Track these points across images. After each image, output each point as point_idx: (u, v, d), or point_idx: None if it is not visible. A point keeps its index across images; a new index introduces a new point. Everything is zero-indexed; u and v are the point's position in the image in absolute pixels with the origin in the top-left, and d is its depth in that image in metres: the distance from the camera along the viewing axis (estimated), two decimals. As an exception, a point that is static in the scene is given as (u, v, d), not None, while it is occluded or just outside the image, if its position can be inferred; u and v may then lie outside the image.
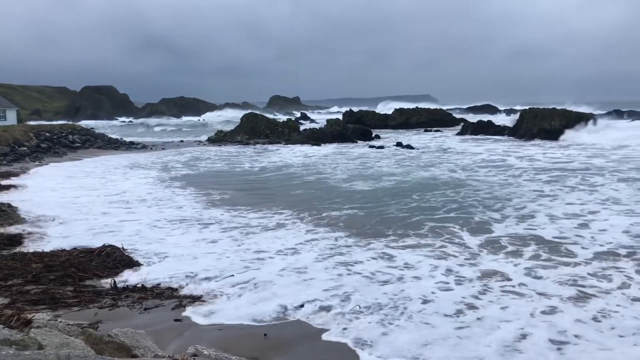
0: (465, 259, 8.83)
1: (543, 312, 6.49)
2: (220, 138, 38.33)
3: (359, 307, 6.77)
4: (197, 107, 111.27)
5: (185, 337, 6.01)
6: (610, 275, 7.83)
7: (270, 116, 51.71)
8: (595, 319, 6.27)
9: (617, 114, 61.47)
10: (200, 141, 38.76)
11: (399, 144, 32.61)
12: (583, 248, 9.32)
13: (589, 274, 7.91)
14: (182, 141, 39.61)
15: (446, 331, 6.03)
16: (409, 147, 31.25)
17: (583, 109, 45.96)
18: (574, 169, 19.74)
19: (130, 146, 33.66)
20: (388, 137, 39.69)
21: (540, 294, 7.14)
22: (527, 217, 11.72)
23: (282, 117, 62.64)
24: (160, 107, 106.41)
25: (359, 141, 35.67)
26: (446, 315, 6.48)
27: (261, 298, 7.19)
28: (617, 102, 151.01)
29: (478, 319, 6.37)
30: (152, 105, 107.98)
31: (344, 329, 6.18)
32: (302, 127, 43.04)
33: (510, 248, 9.44)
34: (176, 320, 6.51)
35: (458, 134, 41.91)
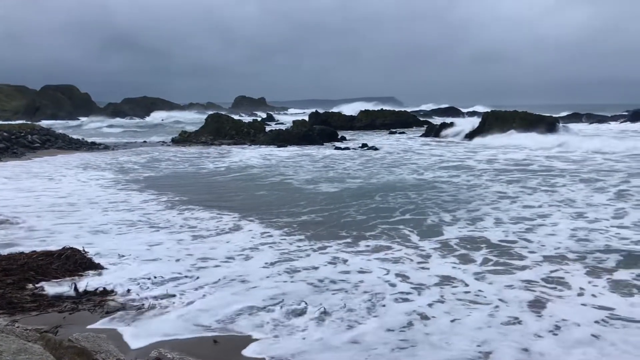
0: (418, 262, 8.81)
1: (503, 324, 6.31)
2: (184, 139, 37.83)
3: (293, 318, 6.52)
4: (161, 107, 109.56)
5: (148, 341, 5.90)
6: (562, 279, 7.91)
7: (236, 117, 51.32)
8: (556, 328, 6.17)
9: (576, 116, 63.44)
10: (164, 142, 38.19)
11: (364, 145, 32.80)
12: (531, 252, 9.36)
13: (542, 279, 7.90)
14: (145, 142, 38.94)
15: (383, 352, 5.69)
16: (374, 148, 31.46)
17: (545, 112, 47.05)
18: (534, 170, 20.17)
19: (92, 147, 32.90)
20: (354, 138, 39.88)
21: (495, 301, 7.07)
22: (480, 220, 11.83)
23: (247, 118, 62.30)
24: (123, 107, 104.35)
25: (324, 142, 35.71)
26: (389, 330, 6.13)
27: (194, 309, 6.92)
28: (579, 105, 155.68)
29: (427, 334, 6.06)
30: (114, 105, 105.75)
31: (270, 344, 5.86)
32: (268, 128, 42.86)
33: (462, 251, 9.44)
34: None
35: (422, 135, 42.39)
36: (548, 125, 36.15)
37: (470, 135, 38.36)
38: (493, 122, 37.51)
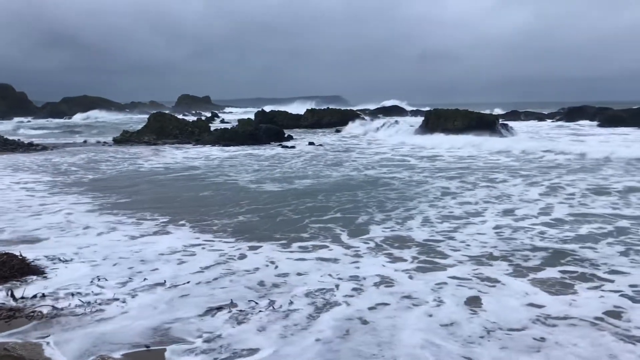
0: (351, 262, 8.83)
1: (443, 325, 6.33)
2: (126, 138, 36.83)
3: (235, 323, 6.41)
4: (101, 106, 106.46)
5: (87, 348, 5.72)
6: (492, 278, 8.08)
7: (180, 116, 50.40)
8: (494, 329, 6.21)
9: (515, 114, 65.73)
10: (105, 142, 37.09)
11: (311, 144, 32.92)
12: (463, 250, 9.54)
13: (471, 278, 8.00)
14: (85, 141, 37.71)
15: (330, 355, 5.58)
16: (320, 146, 31.66)
17: (486, 110, 48.65)
18: (476, 168, 20.74)
19: (29, 147, 31.58)
20: (300, 137, 39.93)
21: (430, 301, 7.13)
22: (411, 218, 11.96)
23: (192, 117, 61.33)
24: (62, 106, 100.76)
25: (271, 141, 35.57)
26: (317, 341, 5.91)
27: (133, 315, 6.73)
28: (520, 102, 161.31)
29: (371, 337, 6.04)
30: (52, 105, 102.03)
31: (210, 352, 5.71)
32: (212, 127, 42.33)
33: (391, 250, 9.53)
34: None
35: (368, 132, 42.93)
36: (488, 123, 37.29)
37: (414, 133, 39.09)
38: (436, 121, 38.39)
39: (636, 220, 11.36)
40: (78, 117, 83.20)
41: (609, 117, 48.59)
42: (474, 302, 7.00)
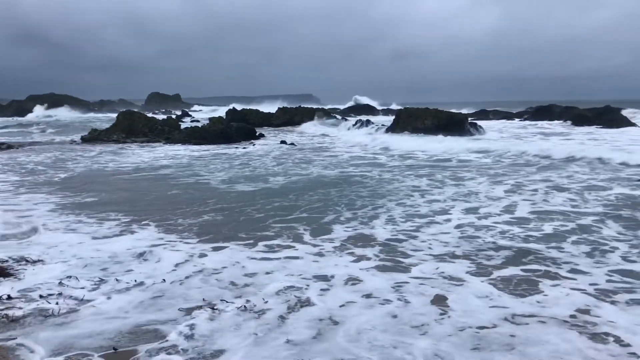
0: (315, 261, 8.87)
1: (413, 326, 6.33)
2: (94, 137, 36.23)
3: (206, 323, 6.39)
4: (69, 104, 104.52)
5: (57, 349, 5.66)
6: (457, 277, 8.24)
7: (149, 114, 49.78)
8: (461, 329, 6.29)
9: (484, 113, 66.72)
10: (73, 140, 36.42)
11: (283, 142, 32.91)
12: (426, 250, 9.65)
13: (436, 277, 8.09)
14: (52, 140, 37.01)
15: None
16: (292, 145, 31.69)
17: (457, 109, 49.30)
18: (446, 166, 21.02)
19: (-8, 146, 30.86)
20: (272, 135, 39.86)
21: (397, 301, 7.22)
22: (376, 218, 12.03)
23: (162, 115, 60.64)
24: (28, 104, 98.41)
25: (242, 140, 35.43)
26: (289, 342, 5.89)
27: (105, 316, 6.69)
28: (490, 102, 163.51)
29: (343, 338, 6.18)
30: (18, 103, 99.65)
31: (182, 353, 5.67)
32: (183, 126, 41.94)
33: (358, 250, 9.55)
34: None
35: (340, 131, 43.10)
36: (458, 122, 37.77)
37: (385, 132, 39.38)
38: (406, 119, 38.71)
39: (597, 217, 11.66)
40: (41, 115, 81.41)
41: (575, 116, 49.69)
42: (440, 302, 7.07)
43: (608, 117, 46.62)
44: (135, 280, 7.88)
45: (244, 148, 30.33)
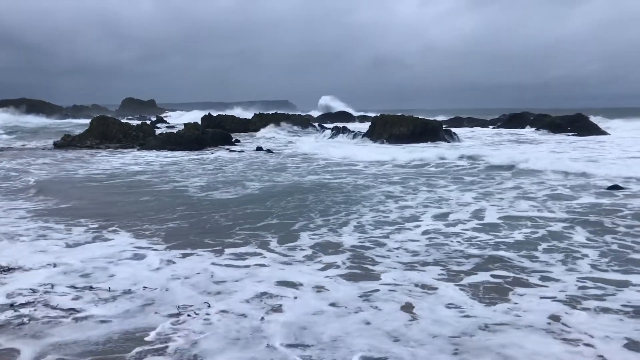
0: (281, 269, 8.83)
1: (385, 332, 6.43)
2: (67, 143, 35.67)
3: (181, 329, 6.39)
4: (42, 109, 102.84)
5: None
6: (428, 285, 8.31)
7: (124, 120, 49.22)
8: (436, 336, 6.46)
9: (458, 120, 67.49)
10: (45, 146, 35.81)
11: (259, 149, 32.82)
12: (394, 257, 9.71)
13: (406, 285, 8.11)
14: (24, 146, 36.32)
15: None
16: (269, 151, 31.61)
17: (432, 116, 49.81)
18: (420, 174, 21.16)
19: (-40, 152, 30.19)
20: (248, 141, 39.74)
21: (370, 309, 7.29)
22: (346, 224, 12.06)
23: (136, 121, 59.96)
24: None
25: (218, 146, 35.24)
26: (269, 347, 5.97)
27: (82, 324, 6.63)
28: (465, 109, 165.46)
29: (318, 346, 6.12)
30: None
31: None
32: (158, 131, 41.53)
33: (327, 258, 9.53)
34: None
35: (316, 137, 43.20)
36: (433, 129, 38.14)
37: (361, 139, 39.54)
38: (382, 126, 38.94)
39: (567, 223, 11.85)
40: (12, 120, 79.88)
41: (547, 123, 50.62)
42: (410, 309, 7.08)
43: (579, 124, 47.68)
44: (110, 288, 7.79)
45: (219, 154, 30.17)
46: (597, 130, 45.95)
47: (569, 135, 44.42)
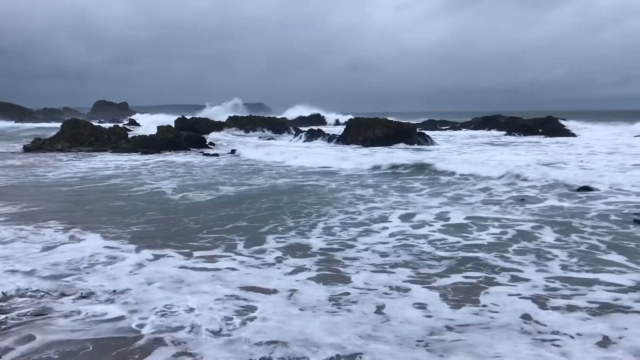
0: (248, 274, 8.81)
1: (363, 335, 6.48)
2: (38, 146, 35.04)
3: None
4: (11, 112, 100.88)
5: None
6: (399, 287, 8.37)
7: (95, 123, 48.55)
8: (407, 338, 6.54)
9: (431, 123, 68.25)
10: (14, 150, 35.11)
11: (233, 152, 32.68)
12: (370, 256, 9.84)
13: (379, 287, 8.19)
14: (-10, 149, 35.57)
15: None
16: (242, 154, 31.52)
17: (406, 119, 50.17)
18: (395, 175, 21.30)
19: None
20: (223, 144, 39.54)
21: (344, 311, 7.31)
22: (314, 227, 12.07)
23: (109, 124, 59.18)
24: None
25: (192, 149, 35.00)
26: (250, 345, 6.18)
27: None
28: (439, 112, 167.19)
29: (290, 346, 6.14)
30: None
31: None
32: (130, 134, 41.06)
33: (297, 261, 9.56)
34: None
35: (291, 141, 43.20)
36: (407, 132, 38.46)
37: (336, 141, 39.69)
38: (357, 129, 39.13)
39: (537, 224, 12.07)
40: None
41: (519, 126, 51.44)
42: (380, 310, 7.12)
43: (550, 127, 48.70)
44: (82, 293, 7.68)
45: (193, 157, 29.97)
46: (566, 133, 47.09)
47: (540, 137, 45.26)
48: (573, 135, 46.46)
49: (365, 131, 38.54)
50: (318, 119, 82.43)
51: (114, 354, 5.85)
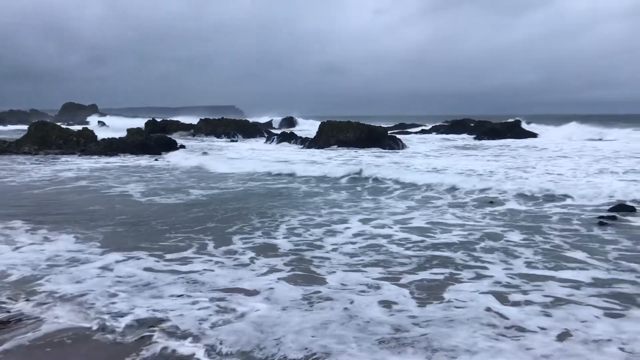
0: (227, 273, 8.86)
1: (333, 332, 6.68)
2: (3, 149, 34.28)
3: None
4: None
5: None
6: (371, 284, 8.55)
7: (64, 125, 47.74)
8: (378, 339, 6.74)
9: (402, 127, 68.98)
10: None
11: (204, 154, 32.53)
12: (340, 256, 10.04)
13: (353, 283, 8.42)
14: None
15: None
16: (215, 157, 31.40)
17: (379, 122, 50.62)
18: (366, 176, 21.44)
19: None
20: (193, 147, 39.30)
21: (320, 310, 7.49)
22: (278, 228, 12.19)
23: (77, 126, 58.27)
24: None
25: (162, 151, 34.69)
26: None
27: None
28: (410, 116, 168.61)
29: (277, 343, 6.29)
30: None
31: None
32: (100, 137, 40.46)
33: (268, 261, 9.71)
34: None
35: (264, 143, 43.24)
36: (378, 135, 38.83)
37: (309, 144, 39.81)
38: (329, 132, 39.33)
39: (503, 226, 12.40)
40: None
41: (487, 130, 52.32)
42: (354, 309, 7.23)
43: (517, 130, 50.14)
44: (52, 294, 7.65)
45: (163, 160, 29.74)
46: (531, 134, 49.42)
47: (512, 140, 46.36)
48: (534, 135, 49.90)
49: (337, 134, 38.77)
50: (291, 122, 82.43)
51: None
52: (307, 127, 74.96)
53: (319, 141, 39.35)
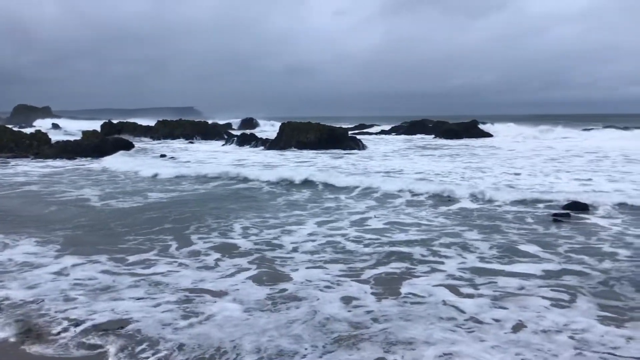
0: (192, 274, 8.92)
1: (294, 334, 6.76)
2: (-50, 153, 33.03)
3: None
4: None
5: None
6: (334, 281, 8.68)
7: (16, 128, 46.33)
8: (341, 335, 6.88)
9: (362, 127, 69.64)
10: None
11: (162, 156, 32.12)
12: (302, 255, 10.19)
13: (315, 280, 8.57)
14: None
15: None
16: (172, 159, 31.01)
17: (340, 123, 51.02)
18: (323, 179, 21.51)
19: None
20: (151, 149, 38.71)
21: (285, 309, 7.56)
22: (234, 229, 12.22)
23: (30, 129, 56.60)
24: None
25: (119, 153, 34.01)
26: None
27: None
28: (371, 117, 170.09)
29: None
30: None
31: None
32: (54, 139, 39.42)
33: (232, 261, 9.77)
34: None
35: (223, 145, 42.94)
36: (339, 136, 39.03)
37: (269, 145, 39.67)
38: (290, 133, 39.28)
39: (460, 225, 12.69)
40: None
41: (445, 130, 53.28)
42: (313, 305, 7.33)
43: (473, 131, 51.35)
44: (8, 298, 7.51)
45: (120, 162, 29.14)
46: (486, 134, 51.07)
47: (470, 140, 47.40)
48: (490, 135, 52.10)
49: (298, 135, 38.77)
50: (251, 124, 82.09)
51: None
52: (268, 129, 74.85)
53: (279, 143, 39.24)
